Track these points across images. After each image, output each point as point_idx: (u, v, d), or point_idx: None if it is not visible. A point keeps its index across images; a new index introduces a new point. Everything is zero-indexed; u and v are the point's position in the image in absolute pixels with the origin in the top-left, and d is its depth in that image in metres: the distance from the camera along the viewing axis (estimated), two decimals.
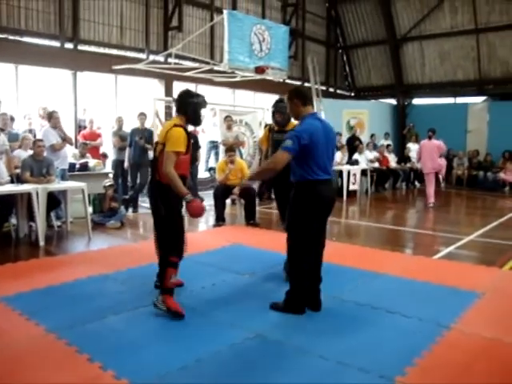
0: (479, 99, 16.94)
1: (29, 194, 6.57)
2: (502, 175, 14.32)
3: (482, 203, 12.29)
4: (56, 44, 10.35)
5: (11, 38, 9.60)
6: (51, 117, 7.94)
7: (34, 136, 8.31)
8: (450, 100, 17.70)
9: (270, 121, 5.13)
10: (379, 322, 3.88)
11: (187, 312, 3.99)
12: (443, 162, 11.05)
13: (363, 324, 3.83)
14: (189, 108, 4.11)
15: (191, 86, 13.08)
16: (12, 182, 7.09)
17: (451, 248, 6.70)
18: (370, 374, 3.02)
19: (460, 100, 17.39)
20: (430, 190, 10.71)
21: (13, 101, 9.79)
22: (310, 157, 3.86)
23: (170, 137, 3.92)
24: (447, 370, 3.12)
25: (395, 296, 4.50)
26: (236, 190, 8.07)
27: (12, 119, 8.70)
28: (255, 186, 8.19)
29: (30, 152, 7.32)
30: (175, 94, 12.50)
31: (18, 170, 7.35)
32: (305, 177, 3.91)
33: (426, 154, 10.69)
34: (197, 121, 4.24)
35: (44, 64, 10.09)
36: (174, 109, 11.61)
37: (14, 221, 7.17)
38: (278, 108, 4.92)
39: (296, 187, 4.01)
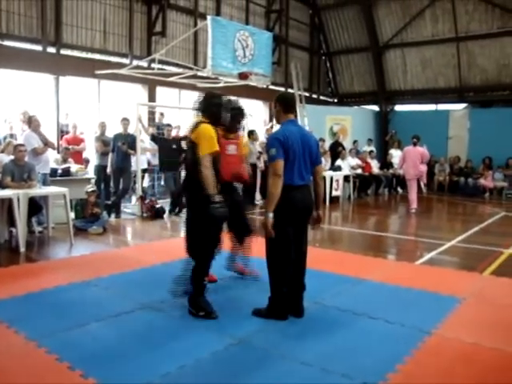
0: (460, 106, 17.20)
1: (9, 200, 6.49)
2: (482, 181, 14.52)
3: (463, 209, 12.45)
4: (38, 48, 10.26)
5: None
6: (31, 121, 7.87)
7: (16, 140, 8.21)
8: (431, 107, 17.94)
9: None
10: (361, 328, 3.89)
11: (170, 319, 3.98)
12: (424, 167, 11.18)
13: (345, 330, 3.85)
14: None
15: (174, 92, 13.10)
16: None
17: (433, 253, 6.77)
18: (352, 381, 3.03)
19: (441, 107, 17.64)
20: (413, 195, 10.81)
21: None
22: (285, 162, 3.85)
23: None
24: (429, 375, 3.15)
25: (377, 302, 4.53)
26: None
27: None
28: None
29: (12, 157, 7.23)
30: (158, 100, 12.51)
31: None
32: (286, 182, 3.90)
33: (409, 160, 10.79)
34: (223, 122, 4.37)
35: (26, 68, 9.98)
36: (156, 114, 11.50)
37: None
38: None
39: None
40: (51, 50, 10.45)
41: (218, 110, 4.23)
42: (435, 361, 3.33)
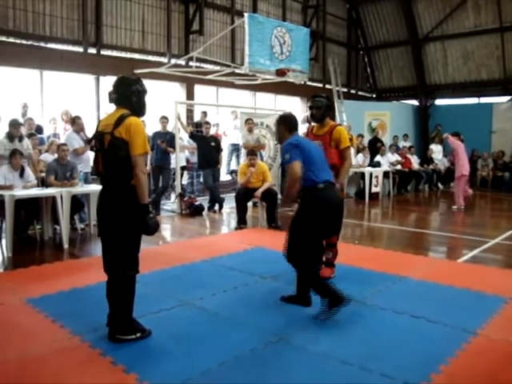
0: (504, 99, 16.65)
1: (53, 198, 6.68)
2: None
3: (508, 205, 12.08)
4: (79, 49, 10.49)
5: (36, 44, 9.77)
6: (74, 122, 8.07)
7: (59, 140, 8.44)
8: (473, 100, 17.44)
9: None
10: (403, 327, 3.83)
11: (210, 316, 4.01)
12: None
13: (387, 329, 3.79)
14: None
15: (212, 89, 13.18)
16: (37, 185, 7.20)
17: (476, 251, 6.59)
18: (393, 380, 2.97)
19: (484, 100, 17.13)
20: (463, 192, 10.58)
21: (38, 106, 9.94)
22: (309, 161, 4.04)
23: None
24: (474, 377, 3.06)
25: (419, 300, 4.43)
26: (258, 193, 8.06)
27: (40, 130, 8.91)
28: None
29: (56, 156, 7.44)
30: (196, 97, 12.59)
31: (42, 174, 7.48)
32: (312, 181, 4.04)
33: (464, 155, 10.50)
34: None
35: (68, 69, 10.22)
36: (195, 112, 11.62)
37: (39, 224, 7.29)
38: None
39: (304, 192, 4.10)
40: (92, 50, 10.67)
41: (140, 99, 3.56)
42: (480, 362, 3.24)
